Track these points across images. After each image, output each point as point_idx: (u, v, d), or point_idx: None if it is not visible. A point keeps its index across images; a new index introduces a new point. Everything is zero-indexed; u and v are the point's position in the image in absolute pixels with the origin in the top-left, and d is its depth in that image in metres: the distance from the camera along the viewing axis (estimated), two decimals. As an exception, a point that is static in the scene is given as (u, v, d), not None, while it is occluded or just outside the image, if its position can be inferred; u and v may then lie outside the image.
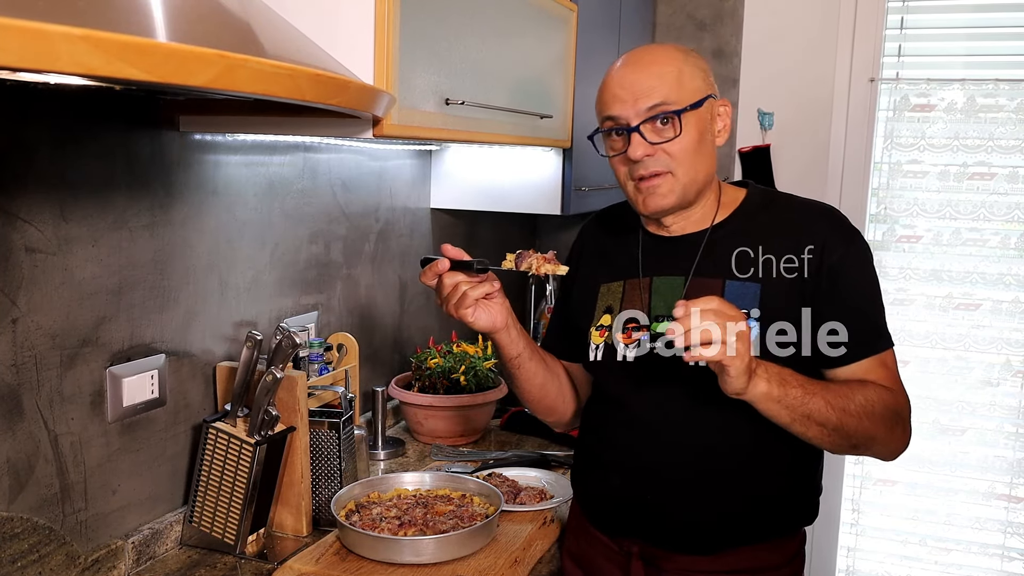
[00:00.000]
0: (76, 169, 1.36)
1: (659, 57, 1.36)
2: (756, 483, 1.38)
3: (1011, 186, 2.70)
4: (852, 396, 1.28)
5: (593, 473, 1.50)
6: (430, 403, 2.08)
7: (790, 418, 1.25)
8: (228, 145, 1.66)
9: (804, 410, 1.25)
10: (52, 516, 1.37)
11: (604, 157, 1.44)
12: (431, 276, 1.38)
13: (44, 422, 1.34)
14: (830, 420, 1.26)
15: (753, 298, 1.34)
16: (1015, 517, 2.84)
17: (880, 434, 1.31)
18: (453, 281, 1.36)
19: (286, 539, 1.63)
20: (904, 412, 1.34)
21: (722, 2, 2.87)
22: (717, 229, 1.41)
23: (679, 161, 1.33)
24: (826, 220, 1.39)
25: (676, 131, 1.32)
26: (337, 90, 1.04)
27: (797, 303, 1.33)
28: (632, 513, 1.43)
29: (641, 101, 1.32)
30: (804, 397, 1.25)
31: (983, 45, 2.75)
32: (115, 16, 0.79)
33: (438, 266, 1.36)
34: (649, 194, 1.35)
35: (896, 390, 1.34)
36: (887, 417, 1.30)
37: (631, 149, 1.32)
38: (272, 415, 1.52)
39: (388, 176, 2.21)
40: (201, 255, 1.62)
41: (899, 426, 1.33)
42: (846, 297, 1.33)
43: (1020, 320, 2.74)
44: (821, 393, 1.26)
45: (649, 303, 1.41)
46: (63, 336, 1.36)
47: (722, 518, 1.38)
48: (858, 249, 1.37)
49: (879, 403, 1.29)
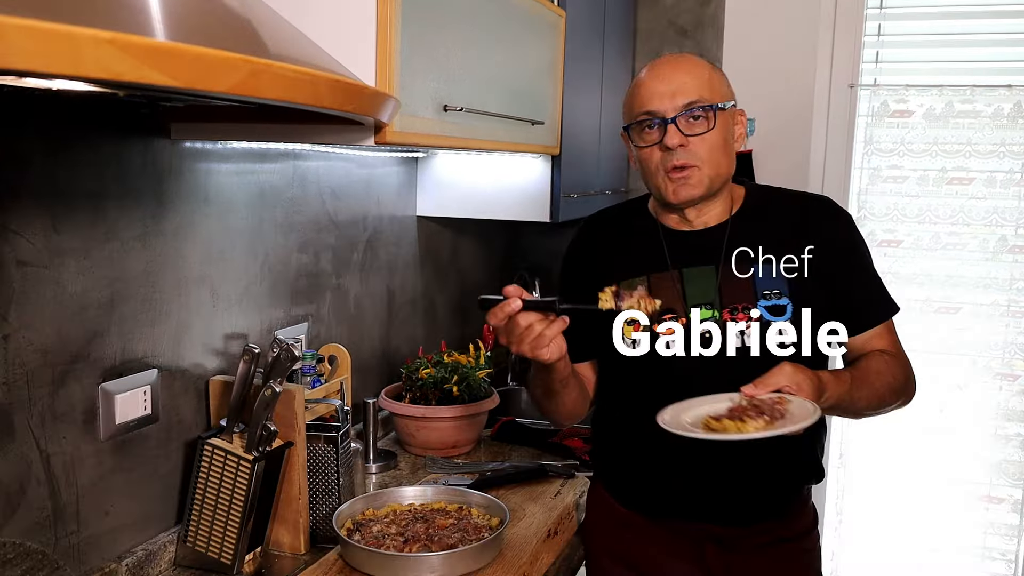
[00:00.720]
0: (68, 179, 1.31)
1: (692, 61, 1.47)
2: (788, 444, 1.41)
3: (989, 190, 2.74)
4: (883, 379, 1.43)
5: (641, 467, 1.53)
6: (423, 414, 2.05)
7: (836, 414, 1.45)
8: (219, 153, 1.62)
9: (847, 410, 1.43)
10: (44, 540, 1.31)
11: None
12: (502, 317, 1.32)
13: (36, 442, 1.29)
14: (869, 406, 1.44)
15: (781, 279, 1.44)
16: (996, 517, 2.88)
17: (898, 398, 1.48)
18: (527, 321, 1.31)
19: (284, 557, 1.58)
20: (910, 371, 1.51)
21: (703, 9, 2.88)
22: (735, 219, 1.50)
23: (708, 155, 1.42)
24: (822, 208, 1.52)
25: (710, 125, 1.41)
26: (353, 96, 1.01)
27: (818, 281, 1.43)
28: (695, 495, 1.49)
29: (678, 97, 1.41)
30: (851, 404, 1.40)
31: (959, 52, 2.79)
32: (117, 16, 0.74)
33: (509, 307, 1.31)
34: (681, 184, 1.42)
35: (901, 353, 1.51)
36: (905, 382, 1.48)
37: (668, 138, 1.40)
38: (271, 430, 1.48)
39: (376, 184, 2.18)
40: (193, 266, 1.57)
41: (910, 385, 1.51)
42: (855, 272, 1.48)
43: (1000, 323, 2.78)
44: (865, 392, 1.41)
45: (683, 293, 1.47)
46: (55, 352, 1.31)
47: (769, 480, 1.49)
48: (854, 227, 1.53)
49: (901, 374, 1.47)
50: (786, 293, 1.42)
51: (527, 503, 1.77)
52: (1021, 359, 2.79)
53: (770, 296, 1.43)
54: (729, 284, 1.44)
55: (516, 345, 1.33)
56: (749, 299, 1.42)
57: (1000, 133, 2.70)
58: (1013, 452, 2.84)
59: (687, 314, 1.43)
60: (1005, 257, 2.76)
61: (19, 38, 0.61)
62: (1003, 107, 2.70)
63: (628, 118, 1.47)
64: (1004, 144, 2.71)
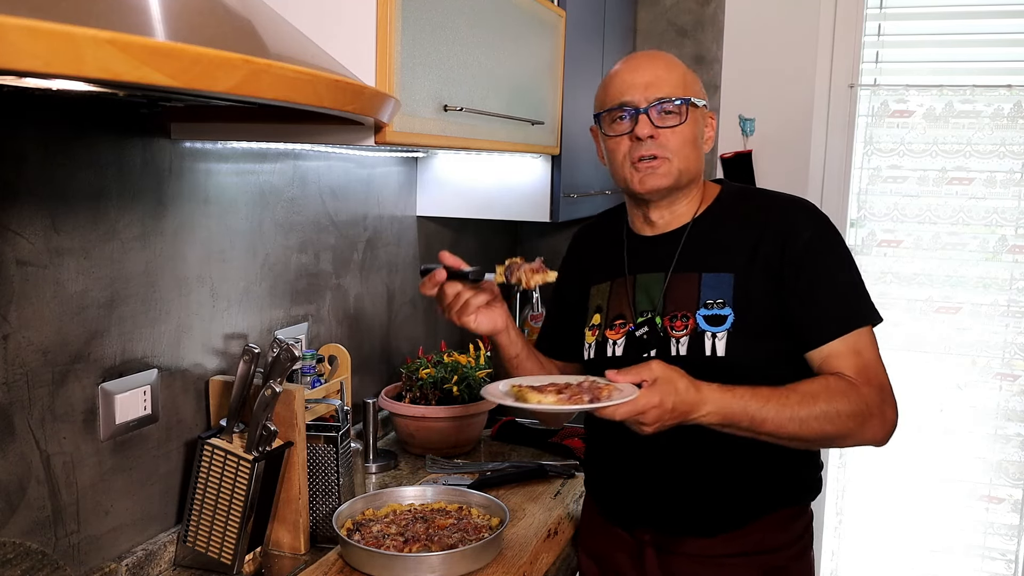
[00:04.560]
0: (68, 178, 1.31)
1: (667, 58, 1.48)
2: (757, 458, 1.42)
3: (989, 190, 2.73)
4: (813, 404, 1.29)
5: (602, 466, 1.57)
6: (423, 414, 2.04)
7: (747, 435, 1.31)
8: (219, 153, 1.62)
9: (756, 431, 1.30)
10: (44, 540, 1.31)
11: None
12: (431, 286, 1.41)
13: (36, 442, 1.28)
14: (785, 432, 1.29)
15: (727, 288, 1.40)
16: (996, 518, 2.87)
17: (848, 431, 1.32)
18: (454, 291, 1.42)
19: (284, 557, 1.58)
20: (875, 404, 1.32)
21: (703, 9, 2.88)
22: (697, 223, 1.48)
23: (678, 148, 1.42)
24: (792, 210, 1.44)
25: (682, 119, 1.42)
26: (353, 96, 1.01)
27: (770, 291, 1.38)
28: (641, 501, 1.49)
29: (651, 89, 1.42)
30: (753, 424, 1.28)
31: (959, 52, 2.78)
32: (117, 16, 0.74)
33: (436, 276, 1.40)
34: (648, 173, 1.42)
35: (867, 380, 1.33)
36: (854, 414, 1.30)
37: (638, 128, 1.41)
38: (271, 430, 1.48)
39: (376, 184, 2.17)
40: (192, 266, 1.57)
41: (873, 419, 1.32)
42: (812, 279, 1.37)
43: (999, 323, 2.78)
44: (774, 412, 1.28)
45: (633, 299, 1.48)
46: (55, 352, 1.31)
47: (727, 496, 1.43)
48: (824, 233, 1.41)
49: (844, 404, 1.30)
50: (730, 302, 1.38)
51: (527, 503, 1.77)
52: (1021, 359, 2.79)
53: (712, 305, 1.40)
54: (674, 291, 1.44)
55: (447, 313, 1.44)
56: (691, 307, 1.41)
57: (1000, 133, 2.70)
58: (1013, 452, 2.84)
59: (634, 320, 1.47)
60: (1005, 257, 2.76)
61: (19, 38, 0.61)
62: (1003, 107, 2.70)
63: (599, 108, 1.49)
64: (1004, 144, 2.70)
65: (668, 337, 1.41)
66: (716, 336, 1.37)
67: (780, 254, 1.38)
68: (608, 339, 1.49)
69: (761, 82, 2.84)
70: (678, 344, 1.40)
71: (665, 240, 1.49)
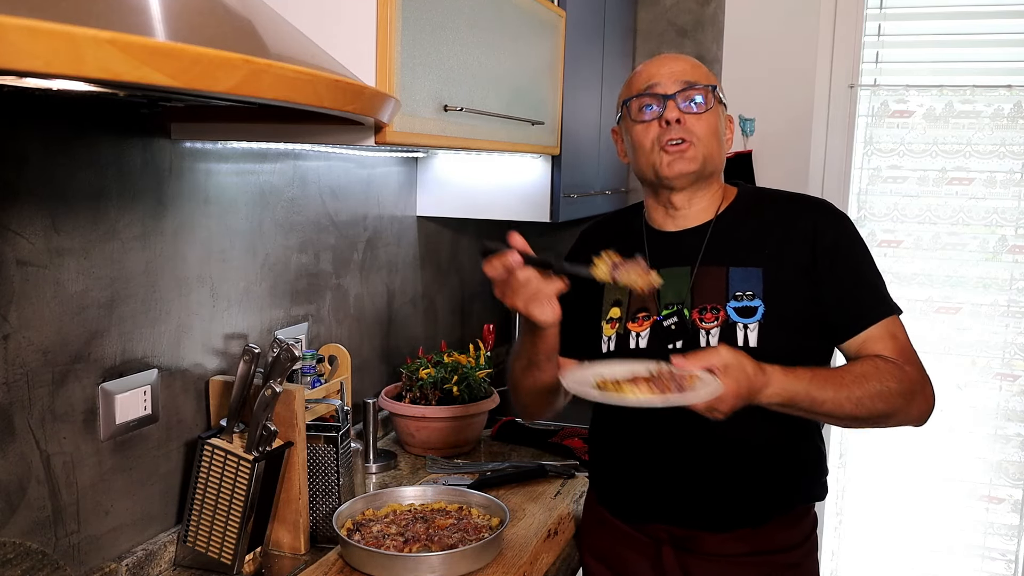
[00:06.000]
0: (68, 178, 1.31)
1: (691, 58, 1.53)
2: (773, 454, 1.44)
3: (989, 190, 2.74)
4: (866, 383, 1.34)
5: (614, 464, 1.56)
6: (423, 414, 2.04)
7: (804, 415, 1.35)
8: (219, 153, 1.62)
9: (815, 412, 1.34)
10: (44, 540, 1.31)
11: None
12: (500, 269, 1.29)
13: (36, 442, 1.28)
14: (842, 411, 1.33)
15: (757, 281, 1.42)
16: (996, 518, 2.88)
17: (898, 408, 1.37)
18: (527, 276, 1.29)
19: (284, 557, 1.58)
20: (918, 382, 1.39)
21: (703, 9, 2.88)
22: (720, 219, 1.49)
23: (704, 134, 1.44)
24: (815, 209, 1.49)
25: (708, 104, 1.44)
26: (353, 96, 1.01)
27: (801, 287, 1.41)
28: (657, 497, 1.48)
29: (677, 75, 1.45)
30: (813, 404, 1.32)
31: (959, 52, 2.79)
32: (117, 16, 0.74)
33: (509, 259, 1.28)
34: (676, 157, 1.43)
35: (907, 360, 1.39)
36: (903, 392, 1.36)
37: (667, 112, 1.43)
38: (271, 430, 1.48)
39: (376, 184, 2.18)
40: (192, 266, 1.57)
41: (918, 396, 1.38)
42: (844, 273, 1.42)
43: (999, 323, 2.78)
44: (832, 393, 1.32)
45: (657, 292, 1.46)
46: (55, 352, 1.31)
47: (745, 491, 1.44)
48: (847, 229, 1.46)
49: (897, 381, 1.35)
50: (760, 295, 1.41)
51: (527, 503, 1.77)
52: (1021, 359, 2.79)
53: (741, 297, 1.41)
54: (702, 284, 1.44)
55: (511, 298, 1.30)
56: (720, 300, 1.42)
57: (1000, 133, 2.70)
58: (1013, 452, 2.84)
59: (659, 313, 1.46)
60: (1005, 257, 2.76)
61: (19, 38, 0.61)
62: (1003, 107, 2.70)
63: (626, 95, 1.50)
64: (1004, 144, 2.71)
65: (697, 329, 1.42)
66: (748, 327, 1.39)
67: (811, 251, 1.42)
68: (631, 331, 1.48)
69: (761, 82, 2.84)
70: (708, 336, 1.41)
71: (689, 235, 1.49)
